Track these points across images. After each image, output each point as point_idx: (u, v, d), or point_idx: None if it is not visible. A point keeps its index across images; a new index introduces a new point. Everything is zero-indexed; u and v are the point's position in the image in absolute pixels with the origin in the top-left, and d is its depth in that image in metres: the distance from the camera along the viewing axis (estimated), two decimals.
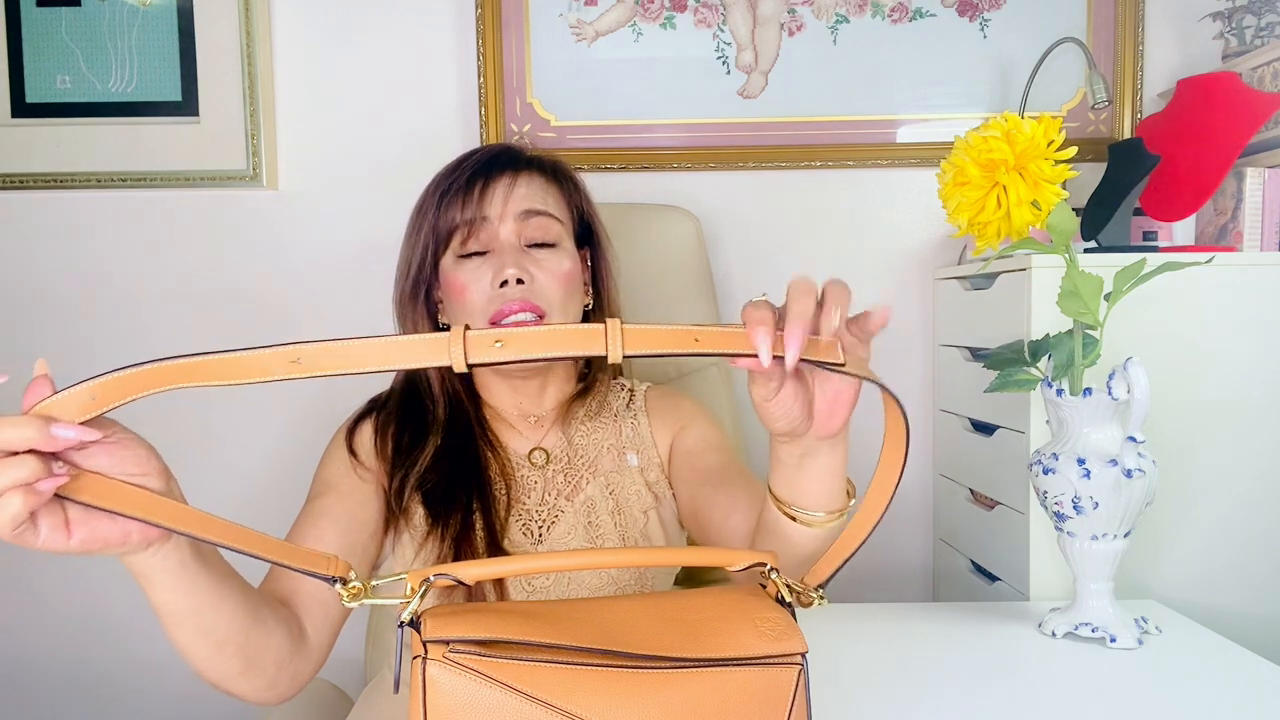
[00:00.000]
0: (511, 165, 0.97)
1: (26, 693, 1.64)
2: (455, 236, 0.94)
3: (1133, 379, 0.96)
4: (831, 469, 0.71)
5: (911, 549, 1.67)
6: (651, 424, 1.02)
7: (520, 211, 0.94)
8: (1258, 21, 1.45)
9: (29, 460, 0.51)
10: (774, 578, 0.65)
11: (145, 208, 1.60)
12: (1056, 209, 0.97)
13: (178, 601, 0.66)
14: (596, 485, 0.97)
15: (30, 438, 0.50)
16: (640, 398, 1.05)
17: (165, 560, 0.63)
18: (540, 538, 0.95)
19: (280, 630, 0.74)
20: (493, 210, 0.94)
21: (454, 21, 1.59)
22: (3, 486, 0.50)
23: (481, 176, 0.95)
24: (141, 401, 0.56)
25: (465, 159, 0.98)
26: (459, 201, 0.94)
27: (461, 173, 0.96)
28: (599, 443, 1.00)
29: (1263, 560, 1.25)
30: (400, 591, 0.58)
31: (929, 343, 1.64)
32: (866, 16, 1.58)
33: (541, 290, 0.93)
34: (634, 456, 1.00)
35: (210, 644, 0.69)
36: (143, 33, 1.56)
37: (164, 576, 0.64)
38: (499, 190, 0.94)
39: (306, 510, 0.91)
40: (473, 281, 0.92)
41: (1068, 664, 0.96)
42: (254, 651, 0.72)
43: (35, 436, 0.50)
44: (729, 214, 1.62)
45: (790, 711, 0.59)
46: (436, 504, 0.91)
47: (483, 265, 0.93)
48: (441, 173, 0.98)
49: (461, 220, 0.93)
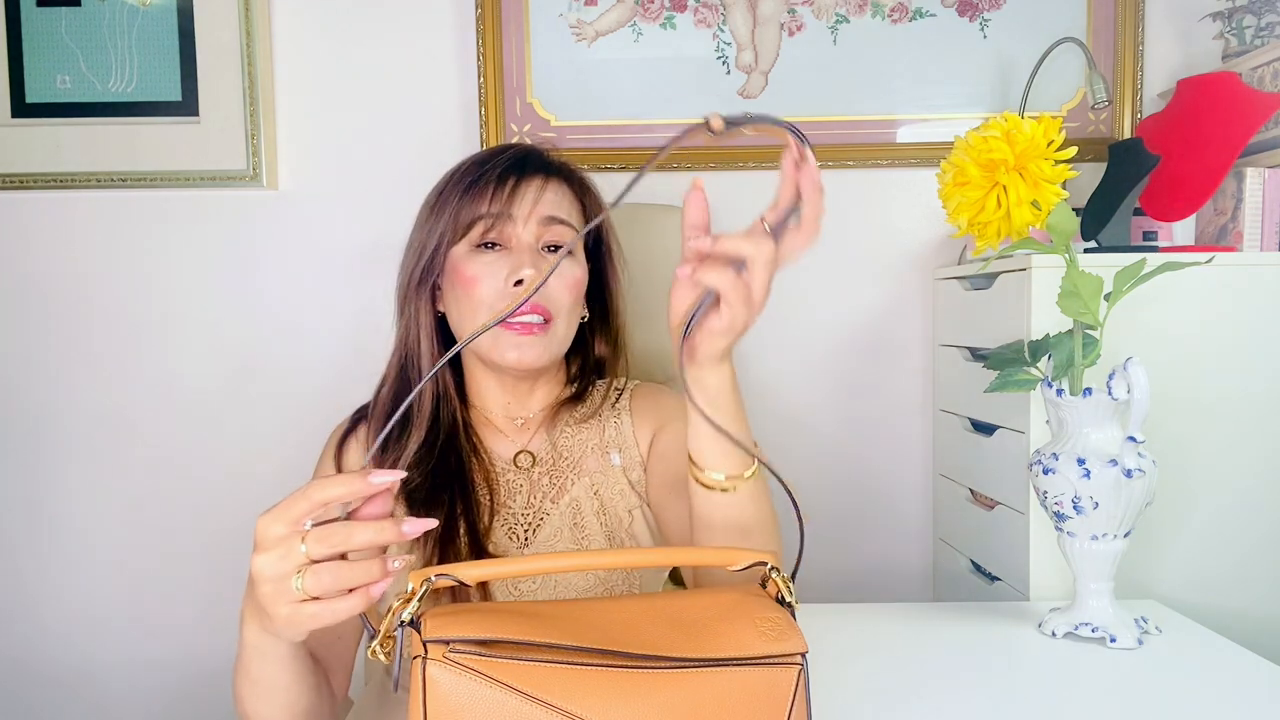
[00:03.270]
0: (544, 170, 0.97)
1: (26, 693, 1.64)
2: (476, 227, 0.94)
3: (1133, 379, 0.96)
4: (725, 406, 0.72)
5: (911, 549, 1.67)
6: (634, 422, 1.02)
7: (545, 216, 0.94)
8: (1258, 21, 1.45)
9: (374, 566, 0.58)
10: (774, 577, 0.65)
11: (145, 208, 1.60)
12: (1056, 209, 0.97)
13: (280, 676, 0.70)
14: (581, 486, 0.97)
15: (358, 489, 0.58)
16: (626, 396, 1.04)
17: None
18: (526, 540, 0.95)
19: (326, 690, 0.79)
20: (520, 210, 0.94)
21: (454, 22, 1.59)
22: (355, 582, 0.57)
23: (514, 174, 0.95)
24: (143, 402, 0.57)
25: (497, 153, 0.98)
26: (488, 194, 0.94)
27: (494, 166, 0.96)
28: (583, 443, 1.00)
29: (1263, 560, 1.25)
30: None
31: (929, 343, 1.64)
32: (866, 16, 1.58)
33: (553, 295, 0.93)
34: (617, 455, 1.00)
35: (288, 715, 0.73)
36: (143, 33, 1.56)
37: (285, 649, 0.67)
38: (530, 191, 0.95)
39: None
40: (486, 276, 0.92)
41: (1068, 664, 0.96)
42: (313, 717, 0.76)
43: (360, 486, 0.58)
44: (729, 214, 1.61)
45: (790, 711, 0.59)
46: (419, 505, 0.91)
47: (498, 261, 0.93)
48: (469, 162, 0.98)
49: (487, 212, 0.93)
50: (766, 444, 1.63)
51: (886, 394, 1.65)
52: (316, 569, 0.57)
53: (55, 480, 1.62)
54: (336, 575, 0.57)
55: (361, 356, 1.58)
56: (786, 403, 1.64)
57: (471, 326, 0.94)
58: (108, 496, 1.62)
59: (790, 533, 0.73)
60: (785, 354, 1.64)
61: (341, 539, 0.58)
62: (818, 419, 1.65)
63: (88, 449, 1.61)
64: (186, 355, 1.61)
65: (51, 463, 1.62)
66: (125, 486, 1.62)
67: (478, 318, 0.93)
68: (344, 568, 0.58)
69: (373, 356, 1.06)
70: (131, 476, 1.62)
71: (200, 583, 1.63)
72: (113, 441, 1.61)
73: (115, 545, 1.62)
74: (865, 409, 1.65)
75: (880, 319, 1.64)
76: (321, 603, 0.58)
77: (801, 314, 1.63)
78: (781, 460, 1.64)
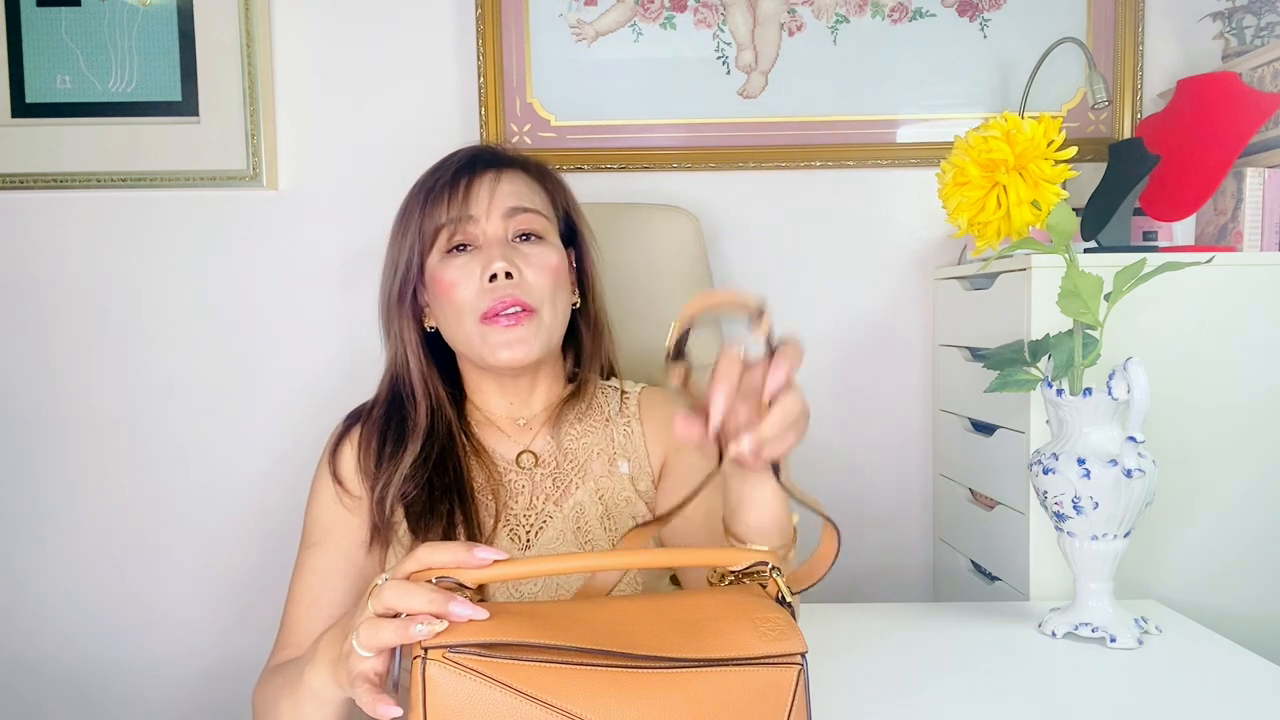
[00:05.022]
0: (495, 163, 0.97)
1: (25, 694, 1.64)
2: (441, 235, 0.94)
3: (1133, 379, 0.96)
4: (776, 493, 0.72)
5: (911, 549, 1.67)
6: (646, 432, 1.01)
7: (506, 208, 0.94)
8: (1258, 21, 1.45)
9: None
10: (774, 578, 0.65)
11: (145, 208, 1.60)
12: (1056, 209, 0.97)
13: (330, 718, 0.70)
14: (586, 490, 0.97)
15: (461, 560, 0.59)
16: (634, 402, 1.03)
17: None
18: (528, 543, 0.94)
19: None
20: (478, 208, 0.93)
21: (454, 21, 1.59)
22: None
23: (465, 174, 0.95)
24: (143, 406, 0.57)
25: (447, 160, 0.98)
26: (444, 199, 0.94)
27: (444, 171, 0.96)
28: (589, 447, 0.99)
29: (1263, 560, 1.25)
30: None
31: (929, 343, 1.64)
32: (866, 16, 1.58)
33: (530, 285, 0.93)
34: (625, 464, 0.99)
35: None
36: (143, 33, 1.55)
37: (340, 694, 0.66)
38: (484, 187, 0.94)
39: (311, 565, 0.93)
40: (461, 278, 0.92)
41: (1068, 664, 0.96)
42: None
43: (465, 557, 0.59)
44: (729, 214, 1.62)
45: (790, 711, 0.59)
46: (416, 517, 0.91)
47: (470, 261, 0.93)
48: (424, 175, 0.98)
49: (447, 219, 0.93)
50: None
51: (886, 394, 1.65)
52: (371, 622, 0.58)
53: (54, 480, 1.62)
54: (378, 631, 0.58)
55: (360, 357, 1.57)
56: None
57: (459, 333, 0.94)
58: (107, 496, 1.62)
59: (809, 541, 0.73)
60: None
61: (396, 597, 0.58)
62: (817, 418, 1.62)
63: (87, 448, 1.61)
64: (185, 355, 1.61)
65: (50, 462, 1.61)
66: (125, 486, 1.62)
67: (462, 322, 0.93)
68: (384, 625, 0.58)
69: (371, 357, 1.06)
70: (131, 476, 1.61)
71: (200, 582, 1.63)
72: (112, 441, 1.61)
73: (114, 545, 1.62)
74: (865, 409, 1.65)
75: (880, 319, 1.64)
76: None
77: (801, 314, 1.63)
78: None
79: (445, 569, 0.59)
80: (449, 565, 0.59)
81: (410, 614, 0.56)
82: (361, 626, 0.58)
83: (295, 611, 0.93)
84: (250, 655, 1.61)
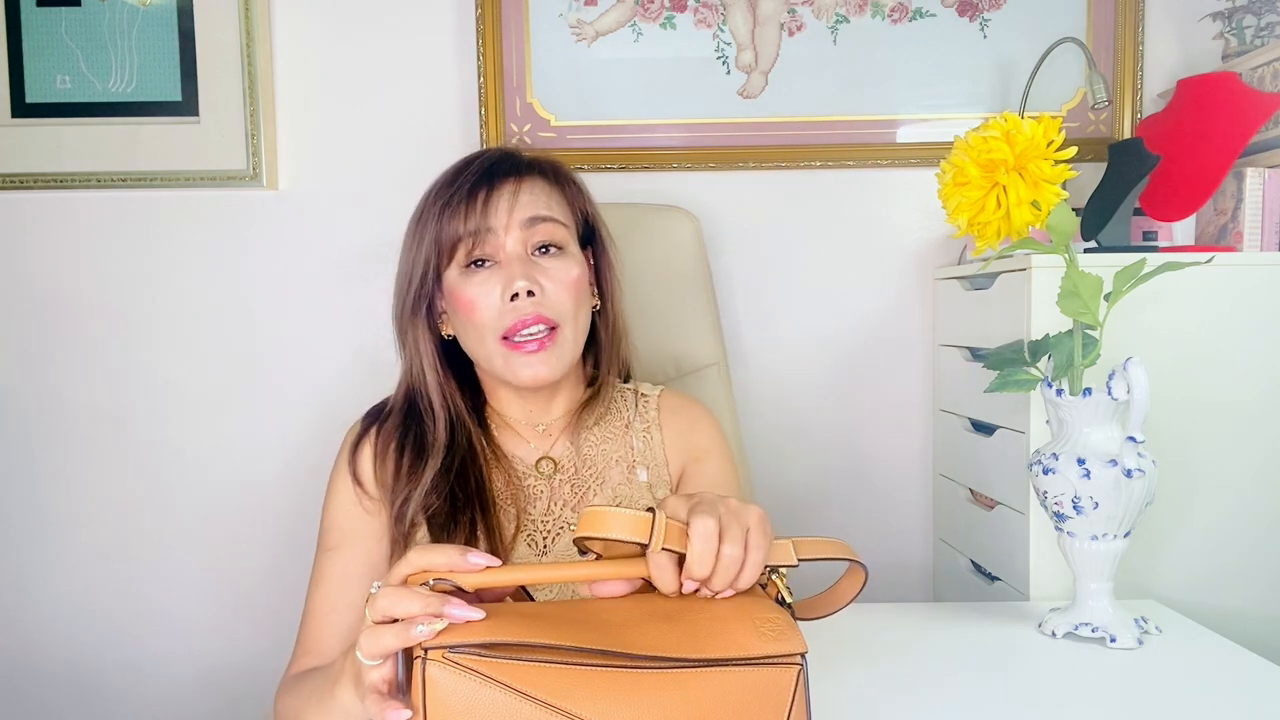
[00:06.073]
0: (514, 172, 0.94)
1: (26, 693, 1.64)
2: (460, 248, 0.92)
3: (1132, 379, 0.96)
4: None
5: (911, 549, 1.67)
6: (665, 439, 1.01)
7: (525, 219, 0.92)
8: (1258, 21, 1.45)
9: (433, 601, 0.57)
10: (774, 578, 0.65)
11: (145, 208, 1.60)
12: (1056, 209, 0.97)
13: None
14: (603, 498, 0.96)
15: (455, 564, 0.59)
16: (653, 406, 1.03)
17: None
18: (545, 549, 0.94)
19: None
20: (497, 220, 0.91)
21: (454, 21, 1.59)
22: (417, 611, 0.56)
23: (484, 185, 0.93)
24: (143, 406, 0.57)
25: (464, 167, 0.96)
26: (461, 212, 0.91)
27: (463, 182, 0.93)
28: (608, 454, 0.99)
29: (1262, 560, 1.25)
30: None
31: (929, 343, 1.64)
32: (866, 16, 1.58)
33: (552, 302, 0.91)
34: (644, 471, 0.98)
35: None
36: (143, 33, 1.55)
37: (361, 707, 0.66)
38: (503, 199, 0.92)
39: (329, 569, 0.92)
40: (481, 296, 0.91)
41: (1067, 664, 0.96)
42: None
43: (458, 561, 0.59)
44: (729, 214, 1.62)
45: (790, 711, 0.59)
46: (439, 528, 0.90)
47: (490, 278, 0.91)
48: (440, 181, 0.96)
49: (465, 232, 0.91)
50: (766, 444, 1.63)
51: (886, 394, 1.65)
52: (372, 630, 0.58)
53: (55, 479, 1.62)
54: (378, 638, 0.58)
55: (361, 357, 1.58)
56: (786, 402, 1.64)
57: (479, 350, 0.94)
58: (107, 496, 1.62)
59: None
60: (785, 353, 1.63)
61: (391, 603, 0.57)
62: (817, 419, 1.65)
63: (87, 448, 1.61)
64: (186, 355, 1.61)
65: (51, 462, 1.61)
66: (125, 486, 1.62)
67: (484, 341, 0.92)
68: (384, 632, 0.57)
69: (372, 357, 1.06)
70: (131, 476, 1.61)
71: (200, 582, 1.63)
72: (112, 441, 1.61)
73: (115, 545, 1.62)
74: (865, 409, 1.65)
75: (880, 319, 1.64)
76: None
77: (801, 313, 1.63)
78: (781, 460, 1.64)
79: (438, 572, 0.58)
80: (442, 568, 0.59)
81: (408, 618, 0.56)
82: (362, 636, 0.58)
83: (314, 617, 0.92)
84: (251, 655, 1.61)
